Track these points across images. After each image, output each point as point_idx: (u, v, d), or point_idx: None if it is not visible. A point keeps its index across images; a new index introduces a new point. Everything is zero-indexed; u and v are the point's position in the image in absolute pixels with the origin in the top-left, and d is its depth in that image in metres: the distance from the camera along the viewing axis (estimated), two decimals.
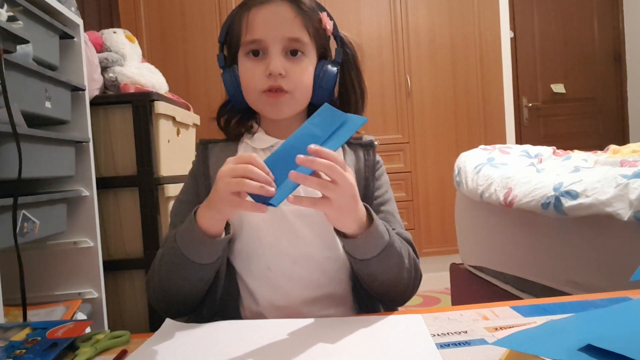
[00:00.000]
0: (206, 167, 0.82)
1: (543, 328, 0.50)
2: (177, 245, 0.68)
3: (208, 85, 3.01)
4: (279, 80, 0.76)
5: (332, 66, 0.81)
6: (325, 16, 0.81)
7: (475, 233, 1.85)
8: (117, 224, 1.67)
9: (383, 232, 0.68)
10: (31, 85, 1.14)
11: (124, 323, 1.66)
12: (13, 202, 0.97)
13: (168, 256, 0.70)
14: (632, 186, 1.08)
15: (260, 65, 0.77)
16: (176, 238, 0.69)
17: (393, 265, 0.71)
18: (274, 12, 0.77)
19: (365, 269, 0.71)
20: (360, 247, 0.68)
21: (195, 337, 0.62)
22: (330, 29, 0.82)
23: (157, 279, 0.73)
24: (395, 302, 0.78)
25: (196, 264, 0.68)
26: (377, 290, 0.75)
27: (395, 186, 3.08)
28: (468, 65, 3.19)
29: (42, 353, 0.56)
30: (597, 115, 3.81)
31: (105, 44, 1.76)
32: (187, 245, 0.68)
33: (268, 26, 0.76)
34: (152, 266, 0.75)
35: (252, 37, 0.76)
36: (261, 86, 0.77)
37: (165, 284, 0.72)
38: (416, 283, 0.77)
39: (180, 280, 0.70)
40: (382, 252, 0.68)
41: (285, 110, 0.79)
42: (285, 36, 0.76)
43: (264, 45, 0.76)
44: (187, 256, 0.67)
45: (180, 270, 0.69)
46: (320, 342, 0.58)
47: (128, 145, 1.64)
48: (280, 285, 0.76)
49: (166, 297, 0.73)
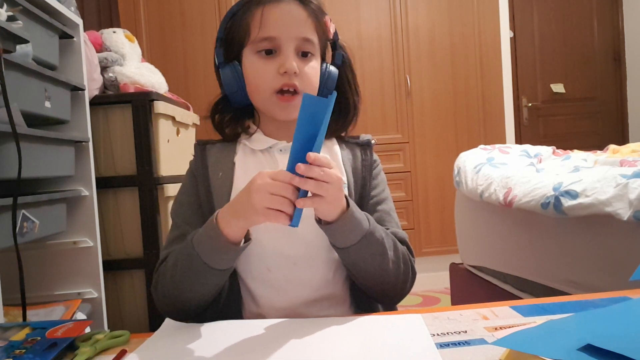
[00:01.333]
0: (205, 168, 0.81)
1: (543, 328, 0.50)
2: (195, 252, 0.67)
3: (208, 85, 3.00)
4: (293, 79, 0.75)
5: (334, 68, 0.83)
6: (329, 20, 0.82)
7: (475, 233, 1.85)
8: (116, 223, 1.66)
9: (361, 220, 0.69)
10: (31, 85, 1.14)
11: (123, 323, 1.66)
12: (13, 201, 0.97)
13: (184, 262, 0.69)
14: (632, 186, 1.08)
15: (273, 64, 0.76)
16: (194, 245, 0.68)
17: (375, 254, 0.71)
18: (288, 11, 0.77)
19: (347, 258, 0.72)
20: (339, 233, 0.68)
21: (195, 337, 0.62)
22: (333, 32, 0.83)
23: (170, 284, 0.71)
24: (387, 299, 0.78)
25: (216, 270, 0.68)
26: (365, 283, 0.75)
27: (395, 186, 3.08)
28: (468, 65, 3.19)
29: (41, 353, 0.56)
30: (596, 115, 3.81)
31: (104, 44, 1.76)
32: (208, 252, 0.67)
33: (283, 24, 0.76)
34: (160, 271, 0.74)
35: (267, 34, 0.75)
36: (274, 85, 0.76)
37: (179, 289, 0.71)
38: (407, 278, 0.77)
39: (197, 286, 0.70)
40: (362, 240, 0.69)
41: (294, 112, 0.78)
42: (299, 36, 0.76)
43: (278, 43, 0.76)
44: (207, 263, 0.67)
45: (198, 277, 0.69)
46: (320, 342, 0.58)
47: (128, 145, 1.64)
48: (280, 287, 0.76)
49: (178, 302, 0.72)
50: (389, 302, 0.80)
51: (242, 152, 0.83)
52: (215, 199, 0.78)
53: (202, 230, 0.69)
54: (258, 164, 0.81)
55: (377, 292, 0.76)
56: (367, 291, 0.77)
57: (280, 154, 0.81)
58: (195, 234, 0.69)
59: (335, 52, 0.85)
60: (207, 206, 0.78)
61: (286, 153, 0.81)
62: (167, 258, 0.75)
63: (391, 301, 0.79)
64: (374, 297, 0.78)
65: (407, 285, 0.77)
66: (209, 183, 0.79)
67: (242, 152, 0.83)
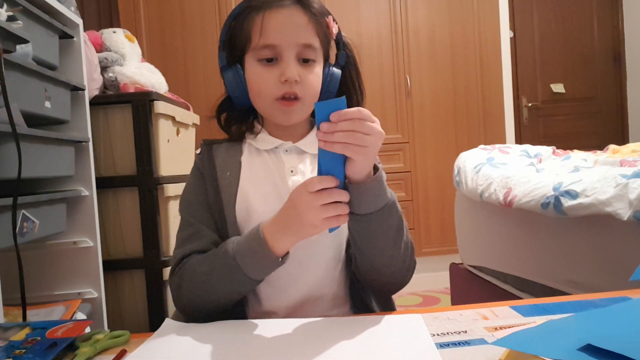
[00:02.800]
0: (212, 168, 0.81)
1: (543, 328, 0.50)
2: (236, 264, 0.68)
3: (208, 85, 3.00)
4: (294, 87, 0.75)
5: (338, 69, 0.82)
6: (331, 20, 0.81)
7: (475, 233, 1.85)
8: (116, 223, 1.66)
9: (386, 188, 0.69)
10: (31, 85, 1.14)
11: (123, 323, 1.66)
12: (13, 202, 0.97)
13: (222, 271, 0.69)
14: (632, 186, 1.08)
15: (274, 71, 0.76)
16: (236, 257, 0.68)
17: (393, 227, 0.70)
18: (289, 17, 0.76)
19: (366, 227, 0.69)
20: (366, 195, 0.67)
21: (195, 337, 0.62)
22: (336, 32, 0.82)
23: (199, 289, 0.71)
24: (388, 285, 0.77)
25: (255, 281, 0.70)
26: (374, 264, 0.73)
27: (395, 186, 3.08)
28: (468, 65, 3.19)
29: (41, 353, 0.56)
30: (596, 115, 3.81)
31: (104, 44, 1.76)
32: (252, 265, 0.68)
33: (283, 31, 0.75)
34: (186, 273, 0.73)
35: (267, 41, 0.75)
36: (276, 93, 0.76)
37: (211, 295, 0.71)
38: (411, 264, 0.76)
39: (232, 295, 0.72)
40: (385, 208, 0.68)
41: (295, 117, 0.79)
42: (300, 42, 0.75)
43: (279, 50, 0.75)
44: (248, 275, 0.68)
45: (237, 287, 0.70)
46: (320, 342, 0.58)
47: (128, 145, 1.64)
48: (283, 286, 0.76)
49: (206, 304, 0.72)
50: (389, 288, 0.79)
51: (248, 152, 0.83)
52: (223, 198, 0.78)
53: (245, 244, 0.69)
54: (264, 164, 0.81)
55: (381, 276, 0.75)
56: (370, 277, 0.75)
57: (285, 154, 0.81)
58: (235, 246, 0.69)
59: (338, 52, 0.83)
60: (215, 205, 0.78)
61: (291, 153, 0.81)
62: (188, 260, 0.74)
63: (391, 287, 0.79)
64: (375, 284, 0.77)
65: (410, 274, 0.77)
66: (217, 182, 0.79)
67: (248, 152, 0.83)
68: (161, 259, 1.64)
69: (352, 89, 0.85)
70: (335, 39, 0.83)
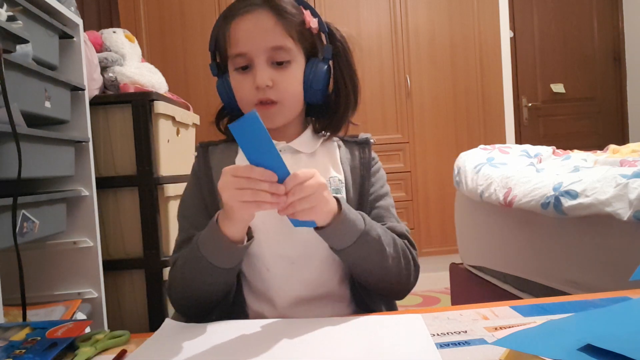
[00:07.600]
0: (208, 169, 0.82)
1: (543, 328, 0.50)
2: (201, 254, 0.69)
3: (208, 85, 3.00)
4: (267, 93, 0.76)
5: (323, 64, 0.79)
6: (309, 14, 0.79)
7: (475, 233, 1.85)
8: (116, 223, 1.66)
9: (355, 220, 0.69)
10: (31, 85, 1.14)
11: (123, 323, 1.66)
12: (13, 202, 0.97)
13: (192, 263, 0.72)
14: (632, 186, 1.08)
15: (248, 79, 0.76)
16: (199, 247, 0.70)
17: (373, 253, 0.71)
18: (255, 22, 0.75)
19: (346, 259, 0.73)
20: (333, 236, 0.69)
21: (194, 337, 0.62)
22: (316, 27, 0.79)
23: (181, 285, 0.74)
24: (392, 293, 0.79)
25: (221, 269, 0.70)
26: (368, 281, 0.76)
27: (395, 186, 3.08)
28: (468, 65, 3.19)
29: (41, 353, 0.56)
30: (596, 115, 3.81)
31: (104, 44, 1.76)
32: (212, 253, 0.69)
33: (250, 38, 0.75)
34: (173, 273, 0.77)
35: (237, 50, 0.76)
36: (252, 99, 0.77)
37: (191, 289, 0.73)
38: (409, 272, 0.77)
39: (206, 286, 0.72)
40: (358, 240, 0.69)
41: (277, 119, 0.79)
42: (269, 46, 0.75)
43: (249, 57, 0.76)
44: (213, 263, 0.69)
45: (207, 277, 0.71)
46: (320, 342, 0.58)
47: (128, 145, 1.64)
48: (279, 286, 0.76)
49: (191, 301, 0.75)
50: (395, 296, 0.81)
51: None
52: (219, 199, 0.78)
53: (205, 232, 0.70)
54: None
55: (381, 289, 0.77)
56: (372, 288, 0.77)
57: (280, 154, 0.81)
58: (200, 236, 0.71)
59: (325, 46, 0.81)
60: (212, 207, 0.79)
61: (285, 153, 0.81)
62: (177, 261, 0.77)
63: (397, 295, 0.80)
64: (380, 293, 0.78)
65: (411, 280, 0.78)
66: (212, 184, 0.80)
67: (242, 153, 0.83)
68: (161, 259, 1.64)
69: (342, 82, 0.83)
70: (318, 32, 0.81)
